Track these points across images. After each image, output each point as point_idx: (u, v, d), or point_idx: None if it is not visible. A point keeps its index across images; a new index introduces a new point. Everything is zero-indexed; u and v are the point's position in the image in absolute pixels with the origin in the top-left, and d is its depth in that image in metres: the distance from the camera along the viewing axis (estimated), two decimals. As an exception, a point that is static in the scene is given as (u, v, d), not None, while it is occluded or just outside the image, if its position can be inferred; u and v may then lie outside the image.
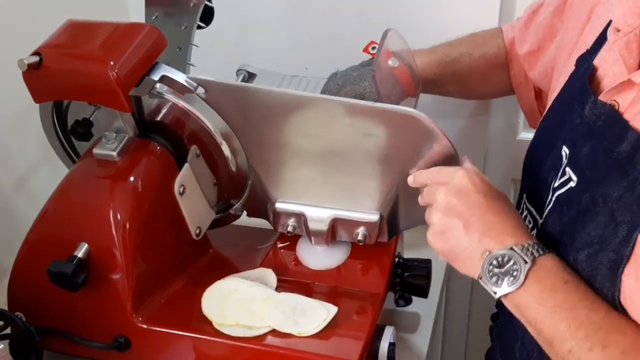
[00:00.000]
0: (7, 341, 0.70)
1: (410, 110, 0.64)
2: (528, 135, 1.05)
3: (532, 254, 0.57)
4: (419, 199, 0.67)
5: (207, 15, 0.80)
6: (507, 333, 0.71)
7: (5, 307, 0.72)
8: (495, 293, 0.58)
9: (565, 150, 0.63)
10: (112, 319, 0.70)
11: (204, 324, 0.69)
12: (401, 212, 0.74)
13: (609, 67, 0.61)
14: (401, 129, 0.66)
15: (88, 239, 0.68)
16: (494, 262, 0.58)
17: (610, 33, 0.61)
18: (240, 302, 0.70)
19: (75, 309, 0.70)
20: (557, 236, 0.61)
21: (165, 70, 0.68)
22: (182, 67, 0.79)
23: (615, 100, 0.57)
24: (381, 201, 0.73)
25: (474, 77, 0.87)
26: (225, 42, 1.00)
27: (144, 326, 0.69)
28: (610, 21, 0.61)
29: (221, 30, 0.82)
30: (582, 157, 0.61)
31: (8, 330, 0.70)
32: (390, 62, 0.78)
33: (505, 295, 0.57)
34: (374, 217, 0.73)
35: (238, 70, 0.83)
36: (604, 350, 0.52)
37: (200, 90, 0.69)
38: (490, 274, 0.58)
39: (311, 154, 0.72)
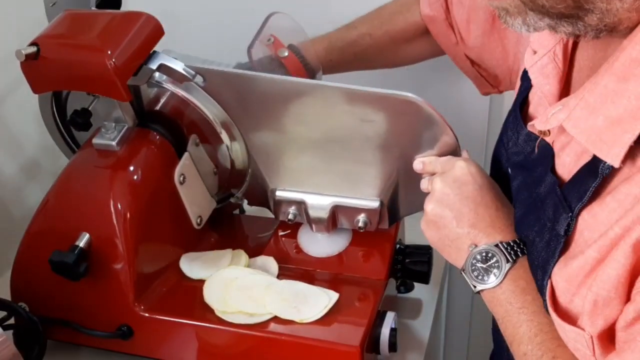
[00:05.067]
0: (10, 332, 0.70)
1: (408, 95, 0.64)
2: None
3: (516, 253, 0.57)
4: (421, 185, 0.67)
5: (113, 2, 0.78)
6: (499, 340, 0.70)
7: (9, 298, 0.73)
8: (474, 287, 0.59)
9: (509, 172, 0.63)
10: (115, 308, 0.70)
11: (206, 312, 0.69)
12: (401, 198, 0.74)
13: (535, 91, 0.60)
14: (400, 114, 0.66)
15: (89, 229, 0.68)
16: (478, 257, 0.58)
17: (527, 55, 0.59)
18: (242, 290, 0.71)
19: (77, 298, 0.71)
20: None
21: (164, 59, 0.68)
22: None
23: (547, 130, 0.55)
24: (381, 188, 0.73)
25: (379, 55, 0.85)
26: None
27: (146, 315, 0.70)
28: None
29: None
30: (513, 189, 0.61)
31: (12, 321, 0.70)
32: (279, 53, 0.79)
33: (482, 290, 0.58)
34: (375, 203, 0.73)
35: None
36: None
37: (199, 78, 0.69)
38: (473, 267, 0.58)
39: (311, 141, 0.72)
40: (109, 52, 0.64)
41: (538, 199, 0.55)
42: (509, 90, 0.83)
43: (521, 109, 0.63)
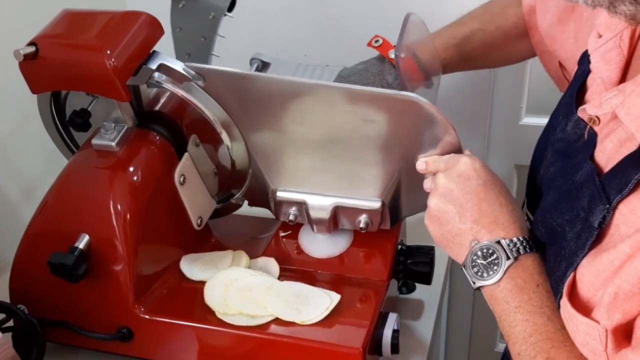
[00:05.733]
0: (9, 334, 0.70)
1: (411, 95, 0.63)
2: (531, 120, 1.04)
3: (517, 250, 0.57)
4: (424, 185, 0.66)
5: (231, 5, 0.79)
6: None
7: (8, 300, 0.72)
8: (473, 283, 0.58)
9: (548, 157, 0.62)
10: (115, 310, 0.70)
11: (207, 314, 0.69)
12: (403, 199, 0.74)
13: (594, 76, 0.58)
14: (402, 114, 0.65)
15: (88, 230, 0.68)
16: (479, 253, 0.58)
17: (591, 38, 0.57)
18: (243, 292, 0.70)
19: (77, 300, 0.70)
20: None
21: (163, 59, 0.68)
22: (206, 57, 0.77)
23: (596, 117, 0.54)
24: (383, 188, 0.72)
25: (490, 52, 0.83)
26: (237, 31, 0.99)
27: (147, 317, 0.69)
28: None
29: (234, 20, 0.81)
30: (548, 176, 0.60)
31: (11, 323, 0.70)
32: (389, 54, 0.77)
33: (482, 287, 0.58)
34: (376, 204, 0.73)
35: (252, 59, 0.83)
36: None
37: (199, 78, 0.68)
38: (473, 264, 0.58)
39: (312, 141, 0.71)
40: (109, 52, 0.64)
41: (573, 187, 0.53)
42: None
43: (577, 95, 0.60)
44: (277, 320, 0.68)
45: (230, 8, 0.79)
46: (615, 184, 0.48)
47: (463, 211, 0.59)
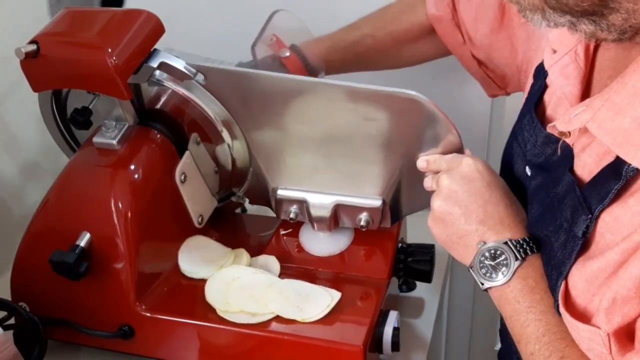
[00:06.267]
0: (11, 331, 0.70)
1: (412, 93, 0.63)
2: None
3: (525, 251, 0.57)
4: (425, 183, 0.66)
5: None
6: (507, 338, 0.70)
7: (9, 298, 0.72)
8: (482, 284, 0.58)
9: (527, 172, 0.62)
10: (116, 308, 0.70)
11: (208, 311, 0.69)
12: (404, 197, 0.74)
13: (553, 91, 0.59)
14: (403, 112, 0.65)
15: (90, 228, 0.68)
16: (487, 254, 0.58)
17: (546, 54, 0.58)
18: (244, 289, 0.70)
19: (78, 298, 0.70)
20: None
21: (164, 57, 0.68)
22: None
23: (567, 131, 0.54)
24: (384, 186, 0.72)
25: (380, 57, 0.84)
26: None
27: (148, 314, 0.69)
28: None
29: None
30: (531, 189, 0.60)
31: (12, 321, 0.70)
32: (280, 53, 0.78)
33: (490, 287, 0.58)
34: (377, 202, 0.73)
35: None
36: None
37: (200, 76, 0.68)
38: (481, 265, 0.58)
39: (312, 139, 0.71)
40: (110, 50, 0.64)
41: (555, 199, 0.54)
42: (517, 91, 0.82)
43: (535, 110, 0.62)
44: (278, 318, 0.68)
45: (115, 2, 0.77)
46: (596, 195, 0.49)
47: (468, 213, 0.59)
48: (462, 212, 0.59)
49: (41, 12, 0.76)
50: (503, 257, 0.57)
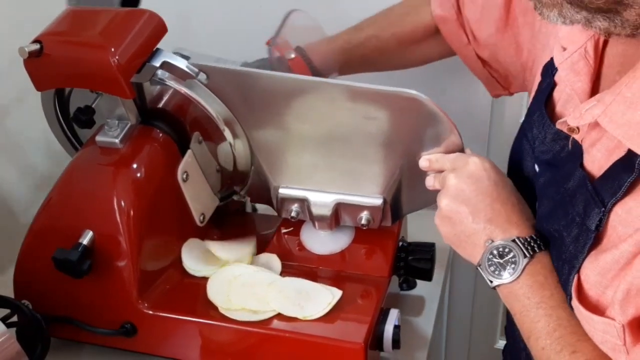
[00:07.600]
0: (14, 329, 0.70)
1: (412, 92, 0.64)
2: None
3: (533, 248, 0.57)
4: (427, 182, 0.67)
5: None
6: (513, 335, 0.70)
7: (12, 296, 0.73)
8: (490, 282, 0.58)
9: (535, 168, 0.63)
10: (118, 306, 0.70)
11: (210, 309, 0.69)
12: (404, 196, 0.74)
13: (562, 88, 0.59)
14: (404, 111, 0.66)
15: (92, 226, 0.68)
16: (495, 252, 0.58)
17: (555, 52, 0.59)
18: (246, 287, 0.71)
19: (81, 296, 0.71)
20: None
21: (167, 57, 0.68)
22: None
23: (576, 127, 0.55)
24: (384, 185, 0.73)
25: (385, 58, 0.85)
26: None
27: (150, 312, 0.70)
28: None
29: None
30: (539, 186, 0.61)
31: (15, 319, 0.70)
32: (285, 54, 0.78)
33: (499, 285, 0.58)
34: (378, 201, 0.73)
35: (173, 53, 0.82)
36: (572, 354, 0.52)
37: (202, 76, 0.69)
38: (489, 262, 0.58)
39: (314, 138, 0.72)
40: (112, 50, 0.64)
41: (566, 194, 0.55)
42: (520, 91, 0.82)
43: (545, 107, 0.62)
44: (279, 316, 0.68)
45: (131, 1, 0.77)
46: (609, 188, 0.50)
47: (476, 211, 0.60)
48: (470, 210, 0.60)
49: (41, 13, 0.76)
50: (511, 254, 0.57)
